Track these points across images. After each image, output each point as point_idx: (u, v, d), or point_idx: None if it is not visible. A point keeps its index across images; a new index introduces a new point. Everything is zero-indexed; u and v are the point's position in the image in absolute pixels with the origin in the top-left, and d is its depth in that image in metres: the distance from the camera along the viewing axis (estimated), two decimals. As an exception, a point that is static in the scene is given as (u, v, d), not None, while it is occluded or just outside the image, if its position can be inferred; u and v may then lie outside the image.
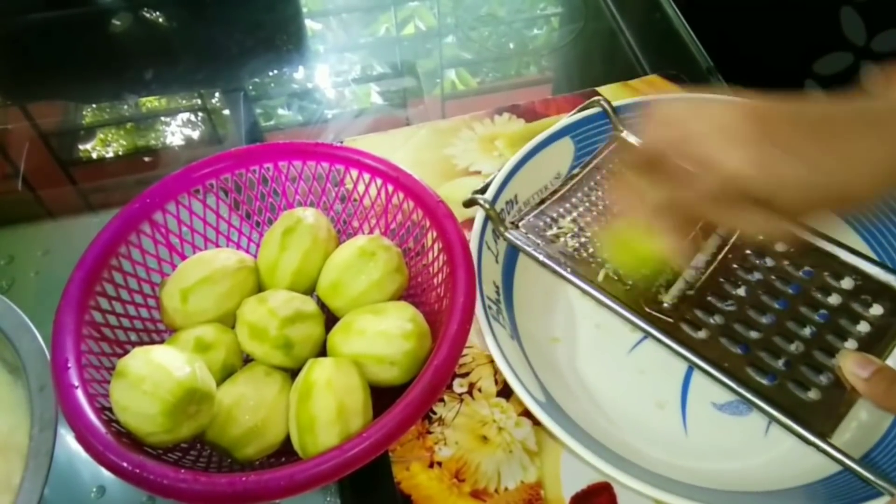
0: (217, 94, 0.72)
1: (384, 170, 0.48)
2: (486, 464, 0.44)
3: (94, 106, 0.72)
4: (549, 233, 0.48)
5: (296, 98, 0.71)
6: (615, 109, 0.53)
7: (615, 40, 0.74)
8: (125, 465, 0.35)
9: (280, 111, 0.71)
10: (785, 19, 0.40)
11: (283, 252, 0.46)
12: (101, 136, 0.69)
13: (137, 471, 0.34)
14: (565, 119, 0.53)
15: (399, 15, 0.81)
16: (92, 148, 0.68)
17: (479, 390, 0.48)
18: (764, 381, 0.41)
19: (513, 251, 0.50)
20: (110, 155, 0.68)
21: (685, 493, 0.37)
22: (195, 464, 0.41)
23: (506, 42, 0.78)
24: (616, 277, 0.45)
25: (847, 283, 0.45)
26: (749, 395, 0.40)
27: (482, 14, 0.81)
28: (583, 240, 0.48)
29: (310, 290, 0.47)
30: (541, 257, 0.46)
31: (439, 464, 0.45)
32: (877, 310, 0.44)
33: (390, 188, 0.48)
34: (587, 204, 0.50)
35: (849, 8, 0.56)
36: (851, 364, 0.40)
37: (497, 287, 0.47)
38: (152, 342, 0.46)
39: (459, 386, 0.48)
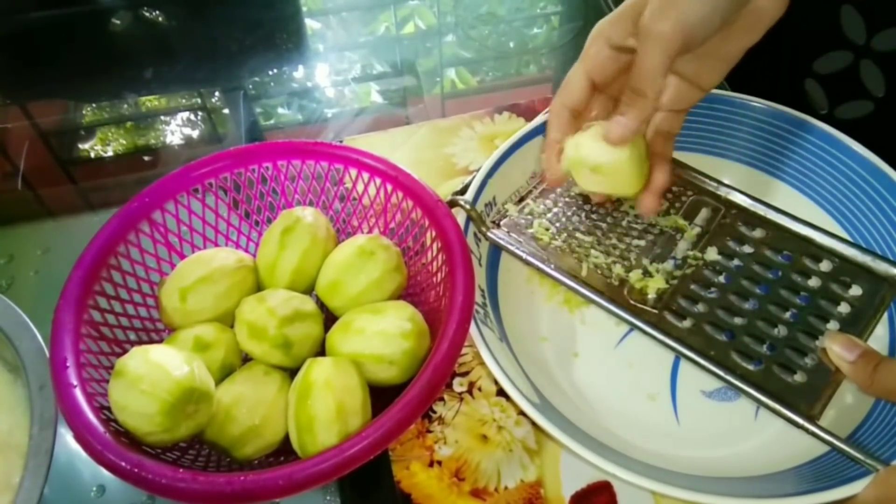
0: (217, 93, 0.72)
1: (383, 169, 0.48)
2: (485, 463, 0.44)
3: (93, 105, 0.72)
4: (530, 230, 0.48)
5: (295, 97, 0.71)
6: None
7: (615, 39, 0.74)
8: (123, 464, 0.34)
9: (280, 110, 0.71)
10: (784, 18, 0.39)
11: (282, 251, 0.46)
12: (101, 134, 0.69)
13: (136, 470, 0.34)
14: (539, 117, 0.53)
15: (399, 14, 0.81)
16: (91, 147, 0.68)
17: (479, 389, 0.48)
18: (750, 367, 0.41)
19: (495, 254, 0.50)
20: (110, 154, 0.68)
21: (682, 483, 0.37)
22: (194, 463, 0.41)
23: (506, 41, 0.78)
24: (599, 271, 0.45)
25: (826, 266, 0.45)
26: (737, 382, 0.40)
27: (482, 13, 0.80)
28: (564, 235, 0.48)
29: (309, 290, 0.47)
30: (524, 255, 0.46)
31: (439, 463, 0.45)
32: (856, 290, 0.44)
33: (389, 187, 0.48)
34: (566, 199, 0.50)
35: (849, 6, 0.56)
36: (837, 346, 0.39)
37: (483, 290, 0.47)
38: (151, 341, 0.46)
39: (459, 385, 0.48)
